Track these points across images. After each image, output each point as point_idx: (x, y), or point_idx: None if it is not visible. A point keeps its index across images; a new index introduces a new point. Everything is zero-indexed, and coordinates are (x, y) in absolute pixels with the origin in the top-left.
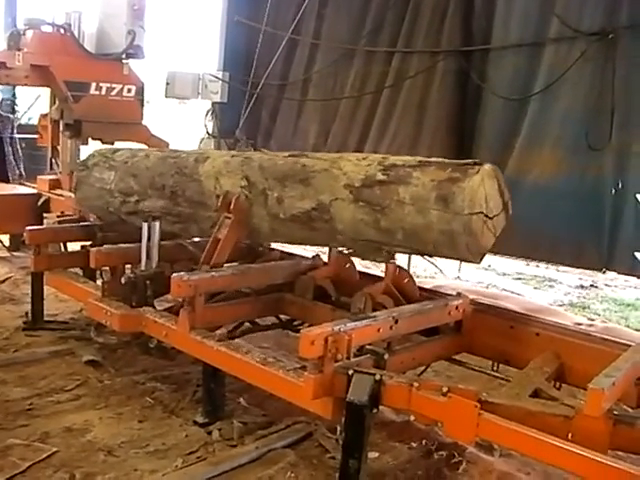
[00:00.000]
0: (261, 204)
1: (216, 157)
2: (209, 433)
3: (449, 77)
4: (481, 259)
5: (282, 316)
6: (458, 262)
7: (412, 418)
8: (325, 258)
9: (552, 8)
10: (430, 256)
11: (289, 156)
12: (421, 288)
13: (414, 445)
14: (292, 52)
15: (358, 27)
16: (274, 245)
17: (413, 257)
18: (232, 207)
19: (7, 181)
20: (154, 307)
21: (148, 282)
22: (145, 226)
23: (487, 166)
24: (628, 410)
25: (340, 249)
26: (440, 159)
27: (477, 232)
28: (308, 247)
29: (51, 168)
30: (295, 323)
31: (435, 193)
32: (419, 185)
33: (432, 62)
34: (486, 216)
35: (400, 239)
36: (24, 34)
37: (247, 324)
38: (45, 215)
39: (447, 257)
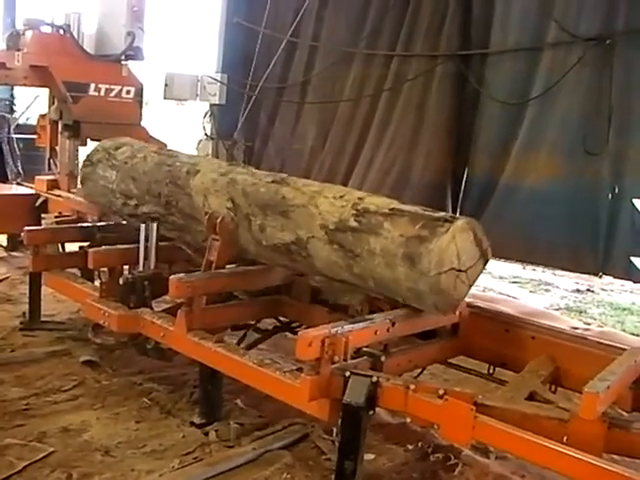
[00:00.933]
0: (246, 228)
1: (206, 172)
2: (206, 434)
3: (447, 81)
4: (453, 311)
5: (279, 318)
6: None
7: (408, 420)
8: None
9: (550, 13)
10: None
11: (272, 182)
12: None
13: (410, 447)
14: (291, 54)
15: (357, 30)
16: None
17: None
18: (218, 229)
19: (6, 181)
20: (152, 308)
21: (146, 283)
22: (143, 227)
23: (460, 222)
24: (623, 414)
25: None
26: (414, 208)
27: (447, 289)
28: None
29: (49, 168)
30: (293, 325)
31: (402, 250)
32: (388, 238)
33: (431, 66)
34: (459, 270)
35: (372, 286)
36: (23, 34)
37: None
38: (43, 216)
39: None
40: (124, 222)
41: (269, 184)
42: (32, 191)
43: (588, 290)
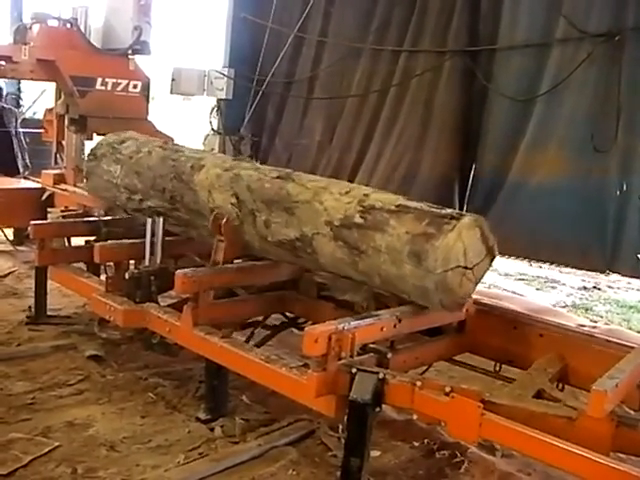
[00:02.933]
0: (250, 224)
1: (210, 167)
2: (211, 430)
3: (455, 77)
4: (460, 308)
5: (286, 314)
6: None
7: (414, 417)
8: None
9: (559, 9)
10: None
11: (277, 177)
12: None
13: (416, 444)
14: (298, 49)
15: (365, 25)
16: None
17: None
18: (223, 230)
19: (17, 174)
20: (158, 303)
21: (152, 278)
22: (149, 222)
23: (466, 219)
24: (631, 412)
25: None
26: (420, 205)
27: (453, 287)
28: None
29: (56, 163)
30: (299, 321)
31: (408, 247)
32: (394, 235)
33: (439, 62)
34: (465, 268)
35: (377, 283)
36: (30, 28)
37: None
38: (49, 210)
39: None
40: (129, 216)
41: (274, 180)
42: (38, 185)
43: (595, 287)
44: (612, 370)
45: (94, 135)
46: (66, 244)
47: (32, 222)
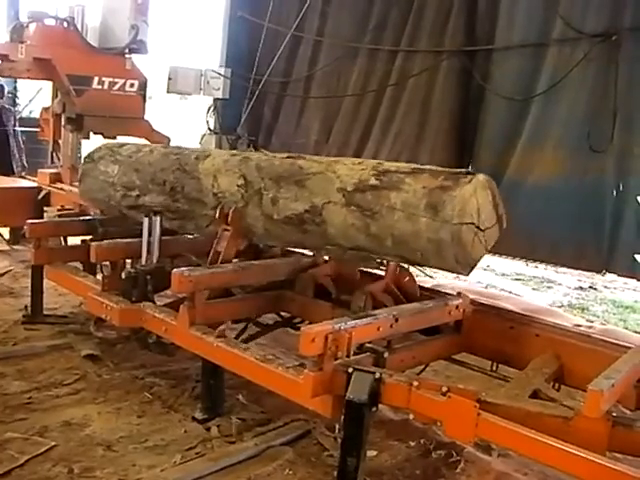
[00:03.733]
0: (256, 204)
1: (216, 155)
2: (208, 429)
3: (452, 77)
4: (470, 271)
5: (282, 313)
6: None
7: (411, 417)
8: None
9: (556, 9)
10: (420, 265)
11: (287, 157)
12: (421, 287)
13: (412, 444)
14: (295, 49)
15: (362, 25)
16: None
17: None
18: (230, 219)
19: (11, 174)
20: (154, 302)
21: (148, 277)
22: (146, 221)
23: (481, 177)
24: (627, 412)
25: None
26: (434, 167)
27: (466, 243)
28: None
29: (52, 162)
30: (295, 321)
31: (425, 200)
32: (410, 192)
33: (435, 61)
34: (477, 227)
35: (389, 246)
36: (27, 27)
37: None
38: (45, 209)
39: (435, 267)
40: (123, 215)
41: (284, 159)
42: (35, 184)
43: (591, 287)
44: (608, 370)
45: (91, 134)
46: (62, 243)
47: (28, 221)
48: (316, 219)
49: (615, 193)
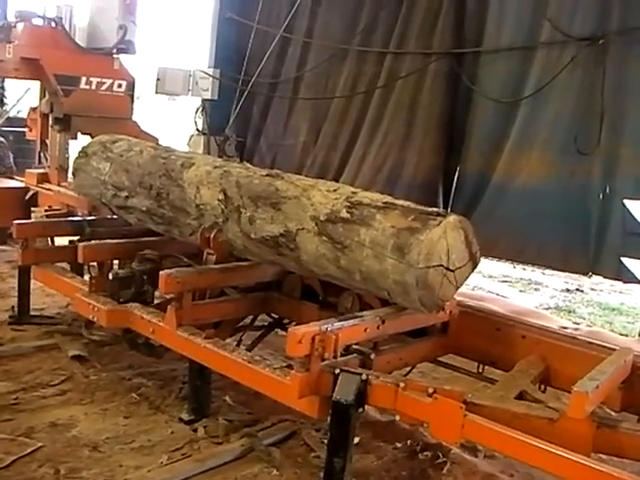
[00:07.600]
0: (235, 220)
1: (200, 165)
2: (194, 430)
3: (440, 79)
4: (438, 310)
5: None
6: None
7: (397, 418)
8: None
9: (544, 12)
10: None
11: (266, 175)
12: None
13: (399, 445)
14: (284, 50)
15: (351, 27)
16: None
17: None
18: (212, 244)
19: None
20: (153, 302)
21: (145, 277)
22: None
23: (452, 218)
24: (612, 414)
25: None
26: (407, 203)
27: (433, 285)
28: None
29: (39, 162)
30: (283, 322)
31: (393, 241)
32: (379, 230)
33: (424, 64)
34: (447, 269)
35: (358, 280)
36: (15, 26)
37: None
38: (33, 209)
39: (403, 305)
40: (114, 216)
41: (263, 177)
42: (22, 184)
43: (577, 290)
44: (593, 372)
45: (79, 134)
46: (50, 244)
47: (15, 221)
48: (290, 244)
49: (602, 196)
